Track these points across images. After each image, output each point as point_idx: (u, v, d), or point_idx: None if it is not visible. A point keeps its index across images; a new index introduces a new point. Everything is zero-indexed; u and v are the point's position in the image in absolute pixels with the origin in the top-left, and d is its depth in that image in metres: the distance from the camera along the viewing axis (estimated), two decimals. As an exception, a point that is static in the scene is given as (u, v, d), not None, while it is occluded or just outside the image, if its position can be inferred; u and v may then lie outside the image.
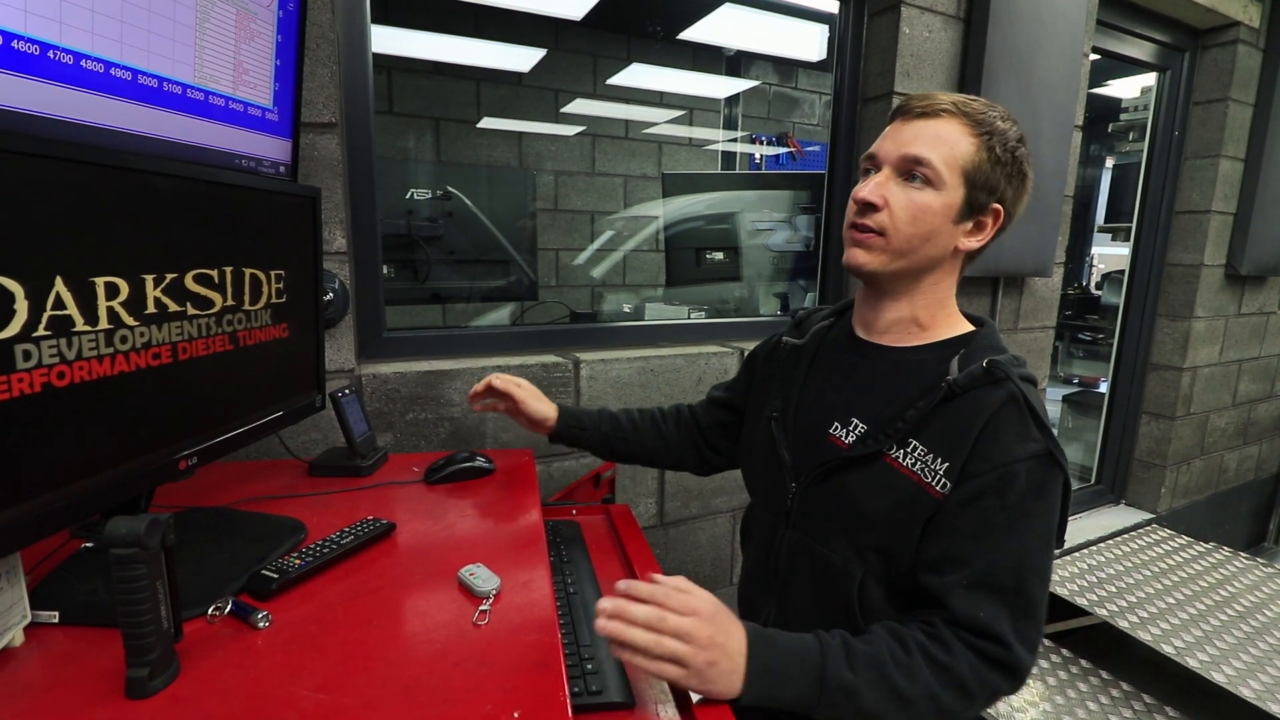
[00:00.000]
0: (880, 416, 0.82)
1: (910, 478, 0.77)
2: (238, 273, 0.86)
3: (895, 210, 0.79)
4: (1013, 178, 0.81)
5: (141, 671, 0.59)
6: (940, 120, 0.79)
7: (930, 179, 0.78)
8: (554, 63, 3.56)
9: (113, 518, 0.58)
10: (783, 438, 0.91)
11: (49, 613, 0.70)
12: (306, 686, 0.60)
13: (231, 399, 0.89)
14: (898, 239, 0.80)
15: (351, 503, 1.03)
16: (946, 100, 0.80)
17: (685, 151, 4.06)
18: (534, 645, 0.68)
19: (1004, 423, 0.74)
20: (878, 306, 0.88)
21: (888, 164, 0.81)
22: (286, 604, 0.74)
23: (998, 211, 0.82)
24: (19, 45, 0.69)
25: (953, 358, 0.80)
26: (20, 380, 0.59)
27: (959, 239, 0.82)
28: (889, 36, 1.81)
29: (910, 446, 0.78)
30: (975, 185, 0.79)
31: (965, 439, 0.75)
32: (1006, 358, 0.79)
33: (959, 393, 0.77)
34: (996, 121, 0.80)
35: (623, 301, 3.56)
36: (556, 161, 3.72)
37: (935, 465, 0.76)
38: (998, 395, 0.76)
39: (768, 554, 0.93)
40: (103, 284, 0.67)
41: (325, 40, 1.23)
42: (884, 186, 0.80)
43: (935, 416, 0.78)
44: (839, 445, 0.85)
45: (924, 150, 0.78)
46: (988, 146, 0.79)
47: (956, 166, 0.78)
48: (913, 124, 0.81)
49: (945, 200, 0.79)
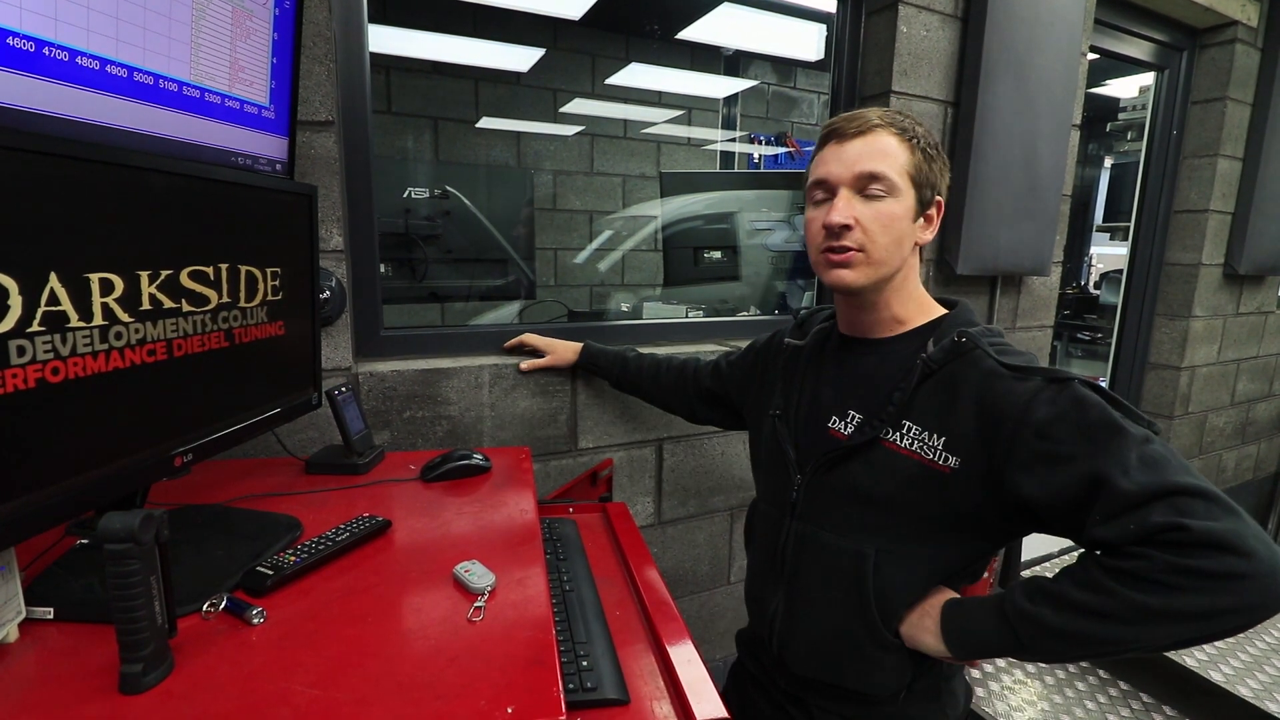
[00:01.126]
0: (871, 404, 0.87)
1: (911, 457, 0.81)
2: (233, 270, 0.86)
3: (868, 225, 0.84)
4: (943, 171, 0.89)
5: (135, 667, 0.59)
6: (875, 135, 0.85)
7: (889, 189, 0.84)
8: (552, 62, 3.57)
9: (107, 513, 0.57)
10: (787, 434, 0.96)
11: (44, 609, 0.69)
12: (301, 682, 0.60)
13: (227, 396, 0.89)
14: (877, 251, 0.84)
15: (348, 500, 1.02)
16: (874, 115, 0.86)
17: (684, 151, 4.06)
18: (528, 642, 0.68)
19: (995, 383, 0.77)
20: (860, 312, 0.92)
21: (843, 184, 0.85)
22: (282, 600, 0.74)
23: (939, 203, 0.90)
24: (14, 42, 0.69)
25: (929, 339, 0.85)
26: (14, 376, 0.59)
27: (917, 235, 0.88)
28: (886, 35, 1.81)
29: (904, 428, 0.83)
30: (921, 185, 0.86)
31: (953, 411, 0.79)
32: (977, 330, 0.83)
33: (935, 369, 0.81)
34: (914, 126, 0.87)
35: (621, 301, 3.56)
36: (555, 161, 3.72)
37: (933, 441, 0.80)
38: (972, 363, 0.80)
39: (774, 548, 0.95)
40: (97, 280, 0.67)
41: (322, 38, 1.23)
42: (851, 206, 0.84)
43: (920, 395, 0.82)
44: (838, 437, 0.89)
45: (876, 165, 0.83)
46: (919, 149, 0.86)
47: (904, 173, 0.84)
48: (851, 143, 0.85)
49: (905, 205, 0.85)
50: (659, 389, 1.36)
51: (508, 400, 1.47)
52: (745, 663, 1.09)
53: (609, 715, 0.73)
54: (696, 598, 1.82)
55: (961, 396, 0.79)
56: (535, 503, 1.04)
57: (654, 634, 0.89)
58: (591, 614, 0.91)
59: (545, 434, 1.52)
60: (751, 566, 1.05)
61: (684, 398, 1.32)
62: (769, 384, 1.05)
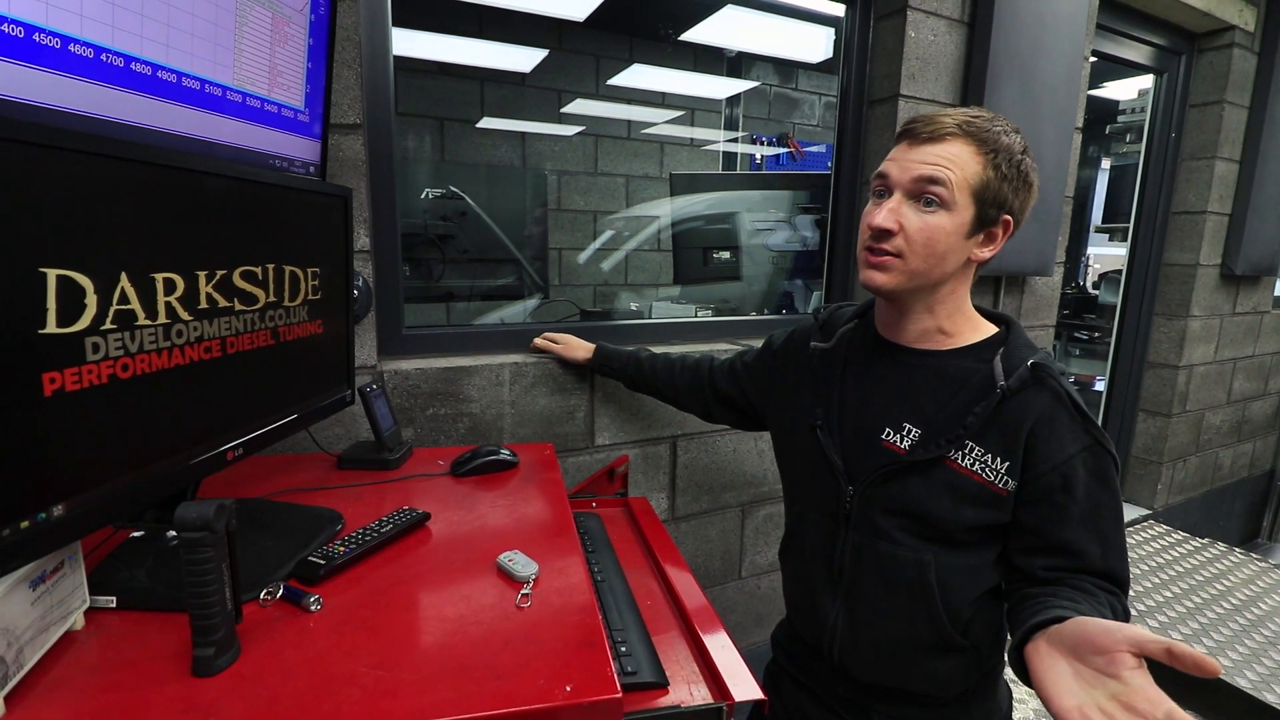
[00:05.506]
0: (934, 421, 0.85)
1: (972, 478, 0.82)
2: (279, 270, 0.89)
3: (910, 234, 0.82)
4: (1019, 189, 0.84)
5: (207, 651, 0.61)
6: (947, 143, 0.81)
7: (942, 201, 0.81)
8: (556, 63, 3.59)
9: (182, 503, 0.60)
10: (831, 444, 0.93)
11: (106, 598, 0.72)
12: (364, 664, 0.63)
13: (273, 392, 0.91)
14: (914, 260, 0.83)
15: (382, 494, 1.05)
16: (951, 122, 0.82)
17: (686, 152, 4.09)
18: (577, 626, 0.71)
19: (1057, 422, 0.80)
20: (901, 317, 0.90)
21: (899, 188, 0.83)
22: (334, 588, 0.76)
23: (1007, 222, 0.85)
24: (75, 49, 0.72)
25: (990, 360, 0.84)
26: (89, 372, 0.62)
27: (972, 251, 0.85)
28: (895, 39, 1.84)
29: (968, 449, 0.83)
30: (984, 202, 0.82)
31: (1018, 438, 0.80)
32: (1044, 357, 0.83)
33: (1009, 395, 0.81)
34: (1000, 137, 0.82)
35: (629, 300, 3.59)
36: (559, 161, 3.74)
37: (997, 465, 0.81)
38: (1044, 395, 0.81)
39: (829, 557, 0.94)
40: (161, 280, 0.69)
41: (350, 43, 1.25)
42: (898, 211, 0.82)
43: (989, 419, 0.82)
44: (894, 450, 0.87)
45: (935, 174, 0.80)
46: (994, 165, 0.81)
47: (966, 187, 0.81)
48: (920, 148, 0.82)
49: (957, 220, 0.81)
50: (674, 389, 1.34)
51: (528, 398, 1.50)
52: (781, 662, 1.08)
53: (650, 697, 0.76)
54: (708, 592, 1.85)
55: (1026, 421, 0.80)
56: (565, 495, 1.07)
57: (686, 622, 0.92)
58: (624, 603, 0.94)
59: (564, 431, 1.55)
60: (798, 574, 1.02)
61: (700, 398, 1.29)
62: (795, 389, 1.02)
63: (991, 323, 0.91)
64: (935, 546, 0.85)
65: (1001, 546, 0.86)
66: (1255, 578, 2.45)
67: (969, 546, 0.85)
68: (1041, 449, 0.80)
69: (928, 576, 0.85)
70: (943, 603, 0.85)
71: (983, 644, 0.89)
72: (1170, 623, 2.11)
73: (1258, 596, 2.31)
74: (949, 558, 0.85)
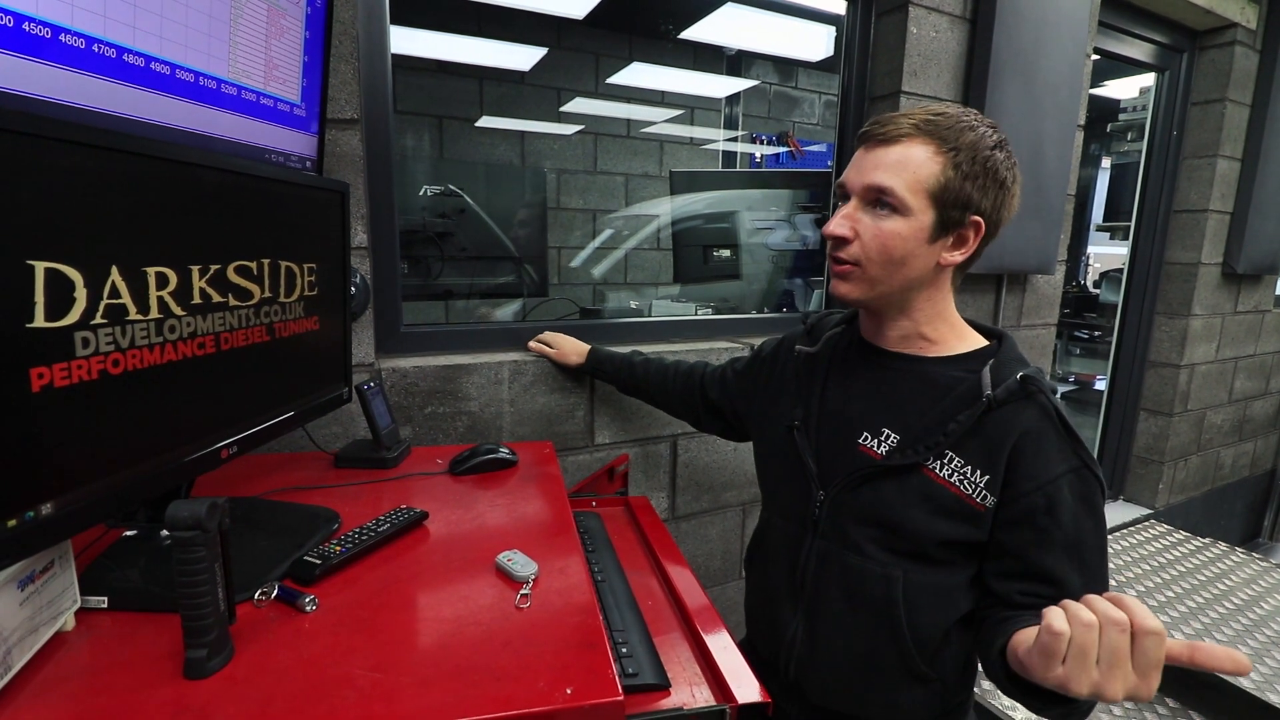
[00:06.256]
0: (914, 428, 0.82)
1: (949, 489, 0.79)
2: (274, 265, 0.88)
3: (865, 241, 0.80)
4: (988, 188, 0.78)
5: (200, 652, 0.60)
6: (902, 144, 0.78)
7: (895, 206, 0.77)
8: (555, 61, 3.58)
9: (173, 501, 0.59)
10: (807, 446, 0.91)
11: (98, 598, 0.71)
12: (360, 666, 0.62)
13: (268, 390, 0.90)
14: (871, 268, 0.80)
15: (380, 493, 1.04)
16: (909, 122, 0.78)
17: (686, 150, 4.08)
18: (577, 627, 0.70)
19: (1044, 439, 0.77)
20: (879, 323, 0.89)
21: (854, 194, 0.81)
22: (330, 589, 0.75)
23: (978, 223, 0.80)
24: (66, 39, 0.71)
25: (979, 371, 0.81)
26: (79, 367, 0.60)
27: (939, 255, 0.81)
28: (896, 37, 1.83)
29: (947, 458, 0.79)
30: (945, 204, 0.78)
31: (1001, 452, 0.77)
32: (1035, 371, 0.79)
33: (995, 407, 0.78)
34: (964, 134, 0.77)
35: (629, 299, 3.58)
36: (558, 160, 3.73)
37: (975, 478, 0.78)
38: (1032, 410, 0.78)
39: (792, 566, 0.91)
40: (154, 274, 0.68)
41: (347, 37, 1.24)
42: (852, 218, 0.80)
43: (971, 430, 0.79)
44: (870, 455, 0.85)
45: (886, 178, 0.77)
46: (954, 164, 0.77)
47: (921, 190, 0.77)
48: (875, 151, 0.79)
49: (914, 225, 0.78)
50: (666, 395, 1.32)
51: (527, 396, 1.48)
52: None
53: (652, 699, 0.75)
54: (709, 592, 1.83)
55: (1010, 435, 0.77)
56: (565, 494, 1.06)
57: (687, 623, 0.91)
58: (624, 603, 0.93)
59: (563, 429, 1.53)
60: (760, 584, 1.00)
61: (689, 406, 1.27)
62: (776, 392, 1.01)
63: (984, 336, 0.88)
64: (906, 562, 0.82)
65: (976, 569, 0.82)
66: (1257, 577, 2.44)
67: (941, 564, 0.81)
68: (1026, 466, 0.76)
69: (894, 593, 0.81)
70: (908, 623, 0.81)
71: (949, 677, 0.85)
72: (1172, 623, 2.10)
73: (1259, 596, 2.30)
74: (919, 575, 0.81)
